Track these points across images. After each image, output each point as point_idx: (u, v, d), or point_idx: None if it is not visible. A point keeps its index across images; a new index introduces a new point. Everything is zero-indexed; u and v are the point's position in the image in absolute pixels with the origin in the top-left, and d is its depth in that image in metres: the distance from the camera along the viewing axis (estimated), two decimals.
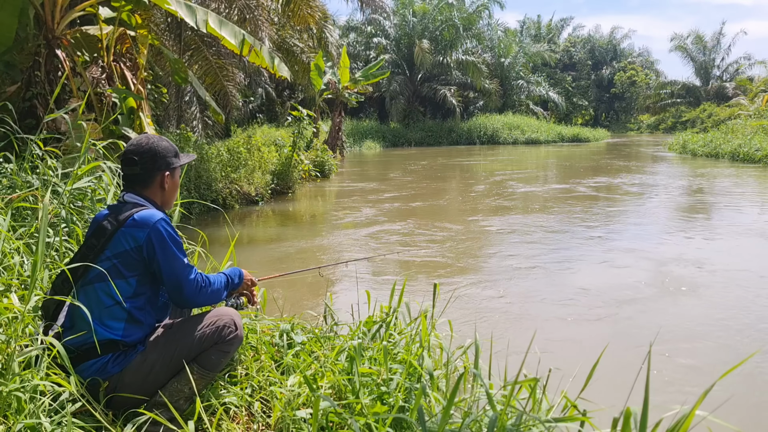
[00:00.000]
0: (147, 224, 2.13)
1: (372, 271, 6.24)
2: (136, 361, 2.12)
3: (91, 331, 2.02)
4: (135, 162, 2.23)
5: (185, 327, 2.25)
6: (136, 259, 2.13)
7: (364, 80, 20.72)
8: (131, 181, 2.27)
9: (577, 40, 58.29)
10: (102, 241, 2.12)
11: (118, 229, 2.12)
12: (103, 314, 2.09)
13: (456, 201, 11.69)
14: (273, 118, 27.98)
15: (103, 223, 2.16)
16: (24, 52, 6.34)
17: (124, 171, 2.26)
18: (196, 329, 2.23)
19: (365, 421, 2.07)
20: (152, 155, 2.25)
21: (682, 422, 1.57)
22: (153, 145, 2.26)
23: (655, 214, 9.90)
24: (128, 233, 2.12)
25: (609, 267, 6.34)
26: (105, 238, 2.12)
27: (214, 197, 9.75)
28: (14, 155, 3.64)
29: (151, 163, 2.25)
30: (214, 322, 2.25)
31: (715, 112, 35.94)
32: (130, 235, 2.12)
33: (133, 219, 2.14)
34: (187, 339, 2.21)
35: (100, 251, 2.12)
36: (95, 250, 2.12)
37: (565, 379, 2.46)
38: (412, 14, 34.51)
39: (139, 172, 2.25)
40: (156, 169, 2.27)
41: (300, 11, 10.99)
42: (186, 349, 2.19)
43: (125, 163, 2.25)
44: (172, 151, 2.33)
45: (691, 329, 4.46)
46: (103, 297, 2.11)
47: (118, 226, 2.13)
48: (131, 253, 2.12)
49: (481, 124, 35.37)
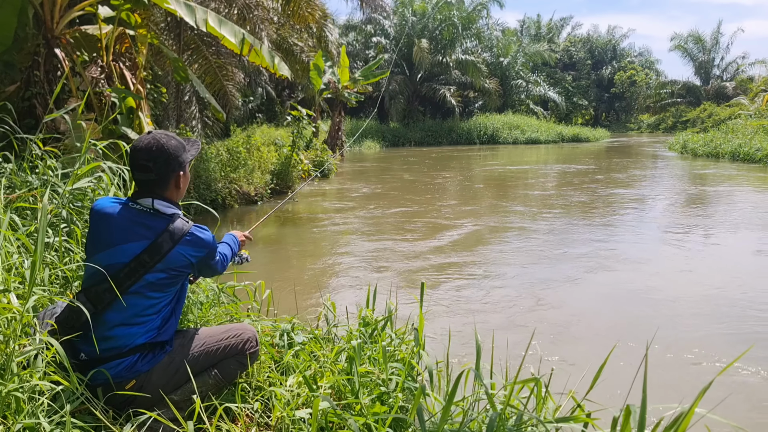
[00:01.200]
0: (206, 245, 2.25)
1: (372, 272, 6.24)
2: (165, 361, 2.20)
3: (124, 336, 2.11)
4: (149, 169, 2.17)
5: (212, 333, 2.37)
6: (184, 273, 2.24)
7: (363, 80, 20.70)
8: (148, 186, 2.22)
9: (576, 39, 58.23)
10: (156, 258, 2.14)
11: (173, 248, 2.16)
12: (138, 320, 2.14)
13: (456, 201, 11.68)
14: (272, 118, 27.96)
15: (158, 241, 2.15)
16: (23, 52, 6.32)
17: (138, 177, 2.20)
18: (222, 338, 2.35)
19: (365, 421, 2.07)
20: (165, 159, 2.19)
21: (681, 420, 1.57)
22: (163, 148, 2.19)
23: (656, 215, 9.90)
24: (185, 252, 2.19)
25: (609, 266, 6.34)
26: (160, 256, 2.14)
27: (213, 197, 9.75)
28: (13, 155, 3.63)
29: (165, 167, 2.19)
30: (239, 335, 2.38)
31: (716, 112, 35.91)
32: (187, 254, 2.19)
33: (190, 236, 2.20)
34: (213, 346, 2.31)
35: (152, 266, 2.14)
36: (147, 266, 2.13)
37: (566, 378, 2.46)
38: (412, 13, 34.47)
39: (155, 178, 2.19)
40: (171, 172, 2.22)
41: (300, 10, 10.96)
42: (211, 356, 2.30)
43: (138, 169, 2.19)
44: (182, 147, 2.28)
45: (691, 329, 4.46)
46: (142, 301, 2.15)
47: (173, 245, 2.16)
48: (184, 269, 2.21)
49: (481, 124, 35.36)
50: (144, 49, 7.22)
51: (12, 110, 4.37)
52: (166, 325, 2.22)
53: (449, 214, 9.82)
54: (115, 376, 2.09)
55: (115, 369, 2.10)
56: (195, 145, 2.41)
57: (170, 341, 2.24)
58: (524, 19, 55.88)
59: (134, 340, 2.13)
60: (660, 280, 5.74)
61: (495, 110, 37.76)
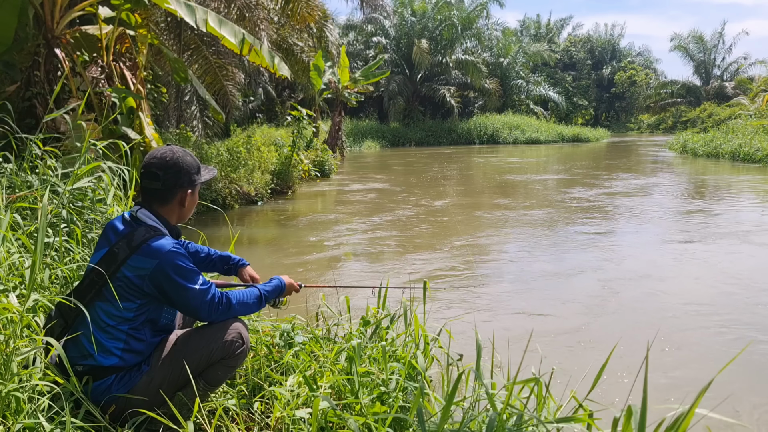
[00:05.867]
0: (157, 254, 2.03)
1: (372, 271, 6.24)
2: (143, 381, 2.07)
3: (96, 353, 2.02)
4: (158, 177, 2.11)
5: (191, 342, 2.17)
6: (141, 285, 2.05)
7: (363, 80, 20.71)
8: (150, 195, 2.16)
9: (576, 39, 58.25)
10: (113, 267, 2.03)
11: (129, 256, 2.04)
12: (101, 336, 2.04)
13: (457, 201, 11.68)
14: (273, 118, 27.96)
15: (114, 249, 2.05)
16: (23, 52, 6.33)
17: (144, 184, 2.14)
18: (202, 345, 2.15)
19: (365, 421, 2.07)
20: (176, 171, 2.13)
21: (681, 421, 1.57)
22: (178, 161, 2.13)
23: (657, 215, 9.90)
24: (139, 260, 2.03)
25: (610, 266, 6.34)
26: (116, 264, 2.03)
27: (213, 197, 9.74)
28: (13, 155, 3.63)
29: (174, 179, 2.13)
30: (221, 337, 2.16)
31: (716, 112, 35.89)
32: (140, 264, 2.04)
33: (146, 247, 2.04)
34: (194, 355, 2.13)
35: (111, 275, 2.04)
36: (103, 277, 2.04)
37: (567, 378, 2.46)
38: (411, 13, 34.47)
39: (161, 188, 2.13)
40: (178, 186, 2.15)
41: (299, 10, 10.97)
42: (193, 366, 2.10)
43: (146, 176, 2.13)
44: (196, 167, 2.21)
45: (691, 329, 4.46)
46: (102, 316, 2.05)
47: (130, 253, 2.04)
48: (137, 280, 2.04)
49: (481, 124, 35.37)
50: (144, 49, 7.22)
51: (12, 110, 4.37)
52: (134, 347, 2.08)
53: (450, 214, 9.82)
54: (94, 399, 2.02)
55: (94, 392, 2.03)
56: (211, 171, 2.34)
57: (146, 360, 2.11)
58: (524, 19, 55.91)
59: (104, 357, 2.03)
60: (661, 280, 5.74)
61: (495, 110, 37.77)
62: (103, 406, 2.04)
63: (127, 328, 2.07)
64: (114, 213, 3.32)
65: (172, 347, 2.16)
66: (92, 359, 2.03)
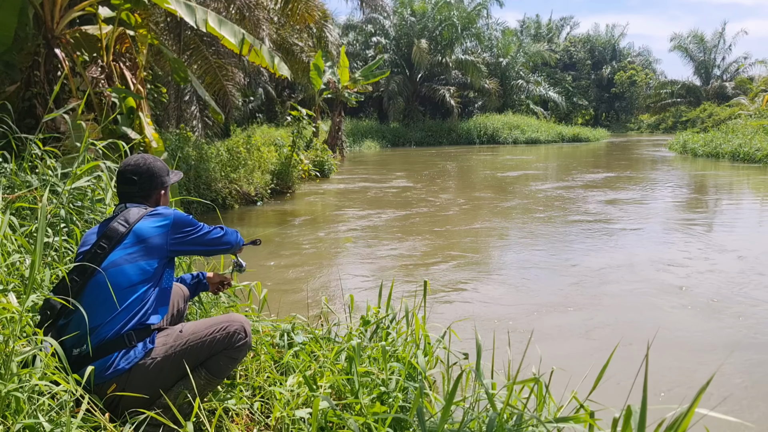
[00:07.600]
0: (168, 212, 2.30)
1: (372, 271, 6.24)
2: (146, 361, 2.12)
3: (105, 323, 2.08)
4: (134, 182, 2.37)
5: (196, 330, 2.24)
6: (158, 244, 2.22)
7: (363, 80, 20.71)
8: (129, 198, 2.38)
9: (576, 39, 58.26)
10: (114, 241, 2.18)
11: (135, 224, 2.21)
12: (119, 298, 2.12)
13: (457, 201, 11.68)
14: (272, 118, 27.98)
15: (113, 224, 2.22)
16: (23, 52, 6.32)
17: (122, 189, 2.38)
18: (206, 333, 2.23)
19: (364, 420, 2.07)
20: (150, 175, 2.40)
21: (681, 421, 1.57)
22: (150, 166, 2.41)
23: (658, 215, 9.90)
24: (152, 222, 2.24)
25: (610, 266, 6.34)
26: (119, 236, 2.18)
27: (213, 197, 9.74)
28: (13, 155, 3.63)
29: (149, 182, 2.40)
30: (225, 327, 2.25)
31: (716, 112, 35.90)
32: (155, 223, 2.24)
33: (154, 211, 2.28)
34: (198, 343, 2.20)
35: (114, 247, 2.17)
36: (106, 250, 2.17)
37: (567, 378, 2.46)
38: (411, 13, 34.46)
39: (137, 191, 2.38)
40: (153, 188, 2.41)
41: (299, 10, 10.97)
42: (195, 353, 2.19)
43: (124, 182, 2.37)
44: (165, 170, 2.49)
45: (693, 330, 4.46)
46: (120, 280, 2.14)
47: (137, 221, 2.22)
48: (155, 239, 2.21)
49: (481, 124, 35.37)
50: (144, 49, 7.22)
51: (12, 110, 4.37)
52: (147, 309, 2.18)
53: (450, 213, 9.82)
54: (97, 377, 2.05)
55: (98, 370, 2.06)
56: (177, 174, 2.63)
57: (152, 338, 2.17)
58: (524, 19, 55.91)
59: (114, 326, 2.09)
60: (662, 280, 5.74)
61: (495, 110, 37.78)
62: (103, 387, 2.07)
63: (145, 291, 2.19)
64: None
65: (176, 333, 2.24)
66: (104, 329, 2.09)
